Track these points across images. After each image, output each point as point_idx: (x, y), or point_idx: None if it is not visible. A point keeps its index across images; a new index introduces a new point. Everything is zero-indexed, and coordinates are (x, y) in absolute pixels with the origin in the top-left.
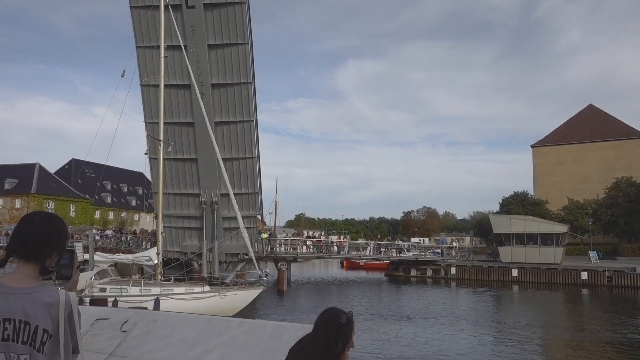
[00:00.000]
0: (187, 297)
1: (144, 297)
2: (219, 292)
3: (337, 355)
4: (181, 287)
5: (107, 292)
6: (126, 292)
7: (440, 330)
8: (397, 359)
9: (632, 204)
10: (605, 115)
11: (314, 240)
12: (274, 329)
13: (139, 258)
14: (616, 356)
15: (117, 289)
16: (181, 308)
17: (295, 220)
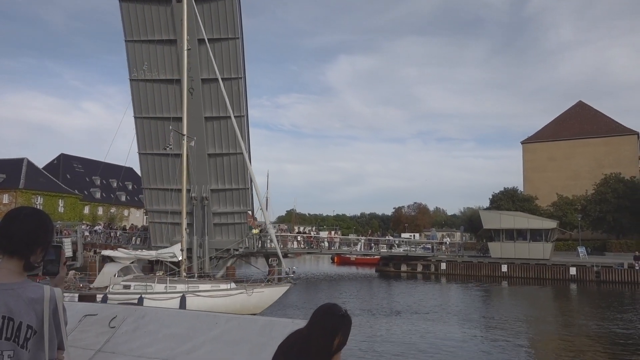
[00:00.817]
0: (214, 295)
1: (169, 294)
2: (245, 289)
3: (332, 353)
4: (207, 284)
5: (132, 289)
6: (151, 289)
7: (430, 326)
8: (388, 355)
9: (621, 200)
10: (594, 112)
11: (305, 236)
12: (264, 324)
13: (163, 254)
14: (604, 350)
15: (142, 286)
16: (207, 306)
17: (286, 215)
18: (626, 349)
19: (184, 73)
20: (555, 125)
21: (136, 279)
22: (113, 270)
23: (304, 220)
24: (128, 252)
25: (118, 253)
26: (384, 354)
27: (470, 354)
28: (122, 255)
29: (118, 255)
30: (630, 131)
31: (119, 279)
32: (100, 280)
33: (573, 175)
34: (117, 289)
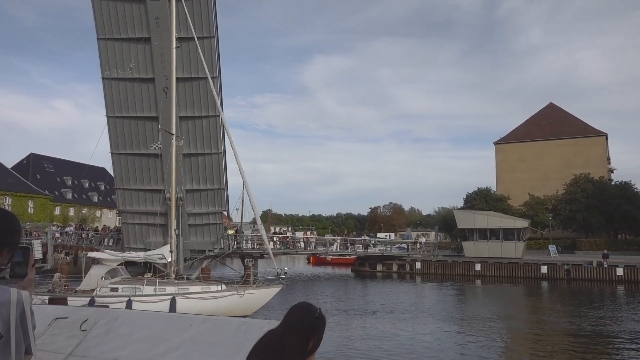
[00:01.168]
0: (205, 297)
1: (159, 296)
2: (237, 291)
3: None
4: (197, 285)
5: (120, 291)
6: (140, 292)
7: (405, 325)
8: (364, 355)
9: (590, 199)
10: (565, 114)
11: (281, 237)
12: (238, 325)
13: (152, 256)
14: (574, 347)
15: (131, 289)
16: (198, 308)
17: (262, 216)
18: (596, 346)
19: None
20: (526, 126)
21: (124, 281)
22: (100, 272)
23: (280, 220)
24: (115, 253)
25: (105, 255)
26: (360, 354)
27: (444, 352)
28: (108, 257)
29: (105, 257)
30: (599, 132)
31: (106, 282)
32: (87, 283)
33: (544, 175)
34: (104, 292)
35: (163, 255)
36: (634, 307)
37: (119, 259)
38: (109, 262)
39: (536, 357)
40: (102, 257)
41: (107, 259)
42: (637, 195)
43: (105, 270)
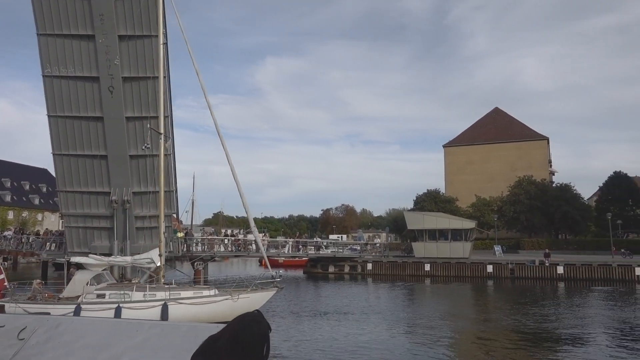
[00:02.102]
0: (197, 302)
1: (149, 302)
2: (231, 295)
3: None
4: (188, 290)
5: (107, 298)
6: (129, 298)
7: (357, 326)
8: (315, 356)
9: (532, 201)
10: (509, 118)
11: (233, 239)
12: (187, 330)
13: (139, 260)
14: (518, 344)
15: (119, 295)
16: (191, 314)
17: (213, 218)
18: (538, 342)
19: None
20: (473, 130)
21: (111, 287)
22: (85, 278)
23: (231, 222)
24: (100, 258)
25: (89, 259)
26: (311, 355)
27: (395, 352)
28: (93, 262)
29: (89, 261)
30: (541, 136)
31: (92, 288)
32: (71, 290)
33: (490, 177)
34: (90, 299)
35: (152, 259)
36: (573, 304)
37: (104, 263)
38: (93, 267)
39: (482, 354)
40: (86, 262)
41: (91, 263)
42: (576, 196)
43: (90, 276)
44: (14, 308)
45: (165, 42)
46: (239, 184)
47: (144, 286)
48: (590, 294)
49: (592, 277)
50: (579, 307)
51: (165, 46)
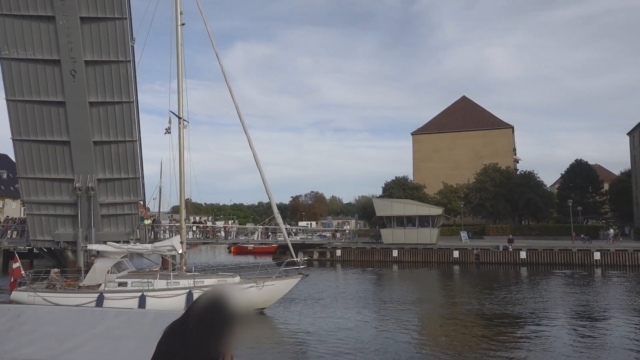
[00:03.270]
0: None
1: (174, 290)
2: (256, 283)
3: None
4: (212, 278)
5: (129, 286)
6: (152, 286)
7: (325, 311)
8: (283, 342)
9: (497, 188)
10: (476, 107)
11: (201, 226)
12: (154, 317)
13: (160, 248)
14: (482, 325)
15: (142, 283)
16: None
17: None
18: (501, 325)
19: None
20: (441, 118)
21: (132, 275)
22: (106, 266)
23: (199, 210)
24: (119, 245)
25: (107, 247)
26: (282, 342)
27: (363, 336)
28: (112, 250)
29: (107, 249)
30: (506, 125)
31: (114, 276)
32: (92, 278)
33: (457, 165)
34: (112, 287)
35: (173, 247)
36: (535, 288)
37: (123, 251)
38: (112, 254)
39: (448, 337)
40: (104, 250)
41: (109, 251)
42: (539, 184)
43: (111, 264)
44: (32, 297)
45: (183, 24)
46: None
47: (167, 274)
48: (551, 277)
49: (554, 261)
50: (541, 291)
51: (130, 28)
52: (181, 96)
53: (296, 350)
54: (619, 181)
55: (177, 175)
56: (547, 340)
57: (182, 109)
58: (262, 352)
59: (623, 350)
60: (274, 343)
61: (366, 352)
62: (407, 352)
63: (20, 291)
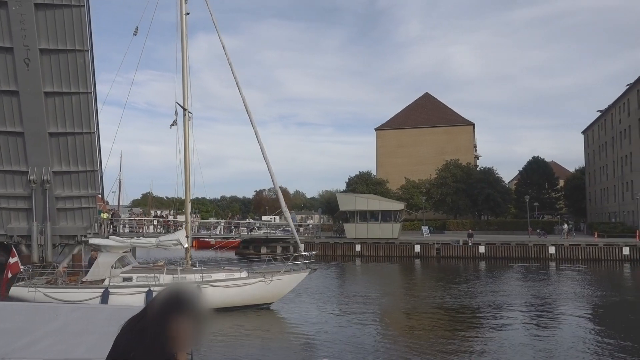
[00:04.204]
0: (231, 284)
1: None
2: (264, 277)
3: (172, 343)
4: (219, 272)
5: (134, 281)
6: (158, 281)
7: (288, 307)
8: (246, 339)
9: (458, 183)
10: (438, 104)
11: (162, 220)
12: (111, 313)
13: (165, 242)
14: (442, 319)
15: (148, 278)
16: (224, 296)
17: (142, 199)
18: (460, 317)
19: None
20: (404, 114)
21: (137, 269)
22: (110, 260)
23: (161, 203)
24: (122, 239)
25: (109, 241)
26: (241, 338)
27: (326, 330)
28: (114, 244)
29: (110, 243)
30: (467, 122)
31: (118, 271)
32: (95, 273)
33: (419, 160)
34: (116, 282)
35: (178, 241)
36: (493, 281)
37: (126, 245)
38: (114, 249)
39: (407, 330)
40: (107, 244)
41: (112, 245)
42: (498, 180)
43: (115, 258)
44: (33, 293)
45: (187, 13)
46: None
47: (174, 269)
48: (509, 271)
49: (511, 255)
50: (498, 284)
51: (88, 16)
52: (186, 88)
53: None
54: (574, 178)
55: (138, 168)
56: (504, 331)
57: (187, 101)
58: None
59: (572, 338)
60: (228, 342)
61: (328, 345)
62: (368, 345)
63: (19, 287)
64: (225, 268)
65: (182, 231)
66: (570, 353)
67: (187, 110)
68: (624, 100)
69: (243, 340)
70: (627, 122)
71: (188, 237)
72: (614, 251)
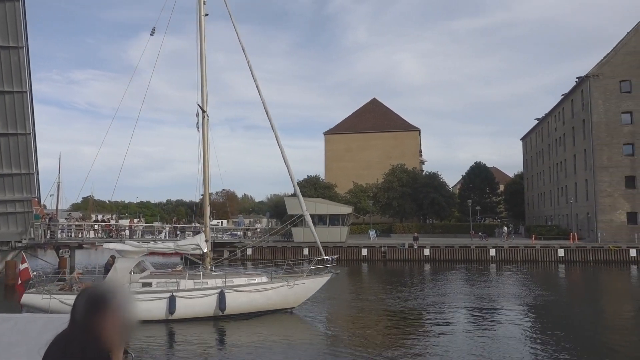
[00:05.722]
0: (254, 289)
1: (205, 290)
2: (287, 282)
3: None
4: (241, 277)
5: (154, 286)
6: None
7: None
8: (195, 344)
9: (404, 188)
10: (385, 109)
11: (104, 225)
12: (46, 322)
13: (184, 246)
14: (387, 322)
15: (169, 283)
16: (247, 301)
17: (82, 203)
18: (405, 319)
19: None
20: (352, 119)
21: (154, 275)
22: (128, 266)
23: (103, 207)
24: (138, 244)
25: (126, 246)
26: (194, 343)
27: (270, 334)
28: (130, 249)
29: (126, 248)
30: (413, 128)
31: (137, 277)
32: (113, 279)
33: (367, 165)
34: (135, 288)
35: (197, 245)
36: (437, 283)
37: (142, 250)
38: (130, 254)
39: (353, 332)
40: (123, 249)
41: (129, 250)
42: (443, 184)
43: (133, 264)
44: (48, 300)
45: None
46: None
47: (196, 274)
48: (452, 273)
49: (454, 258)
50: (442, 285)
51: (23, 12)
52: (204, 89)
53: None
54: (513, 183)
55: (78, 170)
56: (447, 334)
57: (205, 102)
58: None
59: (510, 336)
60: (177, 348)
61: (267, 349)
62: (312, 348)
63: (31, 294)
64: (245, 272)
65: (201, 235)
66: (508, 350)
67: (205, 112)
68: (559, 110)
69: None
70: (562, 130)
71: (207, 242)
72: (549, 253)
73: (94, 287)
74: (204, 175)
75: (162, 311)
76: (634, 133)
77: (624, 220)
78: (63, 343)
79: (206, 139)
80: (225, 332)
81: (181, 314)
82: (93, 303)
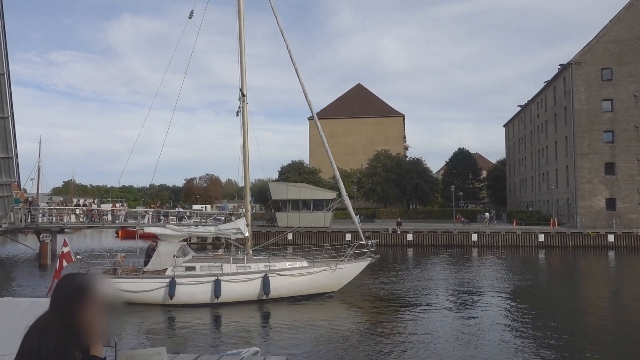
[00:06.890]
0: (297, 273)
1: (250, 274)
2: (329, 266)
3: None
4: (282, 262)
5: (198, 270)
6: (224, 270)
7: None
8: (177, 329)
9: (388, 173)
10: (370, 95)
11: (85, 209)
12: (29, 306)
13: (225, 231)
14: (371, 307)
15: (212, 267)
16: (289, 285)
17: (63, 187)
18: (388, 303)
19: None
20: (337, 104)
21: (197, 259)
22: (172, 250)
23: (85, 192)
24: (180, 228)
25: (167, 230)
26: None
27: (251, 320)
28: (172, 233)
29: (166, 232)
30: (398, 113)
31: (180, 261)
32: (157, 263)
33: (351, 150)
34: (179, 272)
35: (239, 229)
36: (419, 267)
37: (184, 234)
38: (171, 238)
39: (339, 319)
40: (164, 232)
41: (170, 234)
42: (426, 170)
43: (176, 248)
44: None
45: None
46: (332, 160)
47: (240, 258)
48: (435, 258)
49: (437, 243)
50: (425, 270)
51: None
52: (244, 72)
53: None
54: (495, 169)
55: (56, 155)
56: (430, 321)
57: (245, 86)
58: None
59: (491, 320)
60: (159, 333)
61: (247, 336)
62: (293, 335)
63: None
64: (286, 257)
65: (242, 219)
66: (490, 335)
67: (245, 96)
68: (542, 97)
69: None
70: (544, 117)
71: (249, 226)
72: (530, 238)
73: (77, 275)
74: (244, 159)
75: (207, 295)
76: (614, 120)
77: (602, 207)
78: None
79: (246, 123)
80: (269, 314)
81: (227, 298)
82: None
